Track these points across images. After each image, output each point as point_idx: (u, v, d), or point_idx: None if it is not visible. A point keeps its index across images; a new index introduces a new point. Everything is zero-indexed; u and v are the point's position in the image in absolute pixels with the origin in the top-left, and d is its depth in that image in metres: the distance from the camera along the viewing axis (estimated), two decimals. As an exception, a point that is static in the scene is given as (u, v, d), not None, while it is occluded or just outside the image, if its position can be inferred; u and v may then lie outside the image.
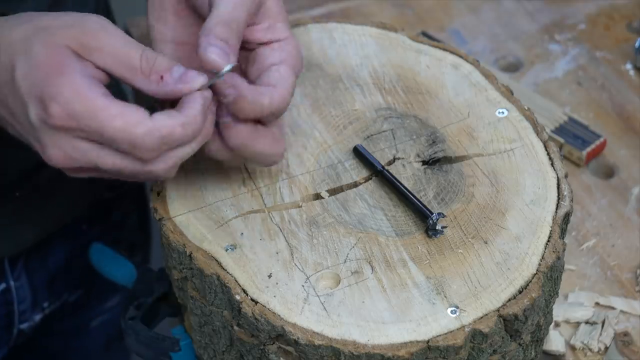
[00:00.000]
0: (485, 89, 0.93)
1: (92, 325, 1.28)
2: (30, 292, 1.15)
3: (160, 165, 0.75)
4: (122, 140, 0.72)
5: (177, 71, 0.75)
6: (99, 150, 0.74)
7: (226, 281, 0.78)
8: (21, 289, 1.14)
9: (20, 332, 1.16)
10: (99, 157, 0.74)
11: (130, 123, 0.72)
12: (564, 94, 1.25)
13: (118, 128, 0.72)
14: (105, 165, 0.74)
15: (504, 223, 0.82)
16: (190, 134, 0.75)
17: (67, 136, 0.73)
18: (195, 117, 0.74)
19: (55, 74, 0.72)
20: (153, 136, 0.73)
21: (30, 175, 1.06)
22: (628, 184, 1.15)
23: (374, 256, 0.80)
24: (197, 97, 0.75)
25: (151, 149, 0.73)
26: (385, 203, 0.85)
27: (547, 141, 0.88)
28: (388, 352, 0.74)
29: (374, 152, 0.88)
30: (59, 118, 0.72)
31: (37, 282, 1.15)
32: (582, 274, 1.06)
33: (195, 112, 0.74)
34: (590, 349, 0.99)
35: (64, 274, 1.19)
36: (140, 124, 0.72)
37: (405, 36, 0.98)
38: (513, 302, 0.77)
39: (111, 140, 0.72)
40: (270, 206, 0.84)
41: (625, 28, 1.34)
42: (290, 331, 0.75)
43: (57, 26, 0.74)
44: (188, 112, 0.74)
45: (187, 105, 0.75)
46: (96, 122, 0.72)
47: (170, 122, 0.73)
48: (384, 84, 0.94)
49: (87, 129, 0.72)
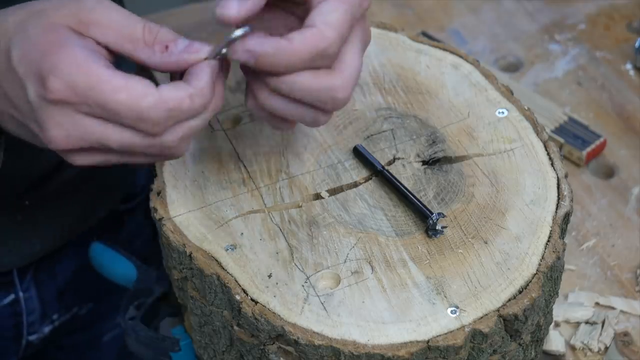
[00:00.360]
0: (485, 89, 0.93)
1: (104, 339, 1.25)
2: (39, 304, 1.13)
3: (169, 138, 0.71)
4: (127, 114, 0.69)
5: (182, 42, 0.72)
6: (103, 126, 0.70)
7: (226, 281, 0.78)
8: (30, 300, 1.12)
9: (29, 343, 1.15)
10: (104, 134, 0.70)
11: (135, 95, 0.69)
12: (564, 94, 1.25)
13: (122, 101, 0.68)
14: (110, 142, 0.70)
15: (504, 223, 0.82)
16: (199, 106, 0.71)
17: (69, 112, 0.69)
18: (203, 89, 0.71)
19: (53, 49, 0.69)
20: (159, 109, 0.69)
21: (39, 184, 1.04)
22: (628, 184, 1.15)
23: (374, 256, 0.80)
24: (205, 67, 0.71)
25: (158, 122, 0.69)
26: (385, 203, 0.85)
27: (547, 141, 0.88)
28: (388, 352, 0.74)
29: (374, 152, 0.88)
30: (58, 91, 0.68)
31: (47, 294, 1.14)
32: (582, 274, 1.06)
33: (203, 84, 0.71)
34: (590, 349, 0.99)
35: (73, 287, 1.17)
36: (146, 97, 0.69)
37: (405, 36, 0.98)
38: (513, 302, 0.77)
39: (115, 113, 0.69)
40: (270, 206, 0.84)
41: (625, 28, 1.34)
42: (290, 331, 0.75)
43: (51, 7, 0.71)
44: (196, 83, 0.71)
45: (195, 77, 0.71)
46: (99, 94, 0.68)
47: (177, 93, 0.70)
48: (384, 84, 0.94)
49: (89, 102, 0.68)
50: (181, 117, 0.71)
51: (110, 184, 1.15)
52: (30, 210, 1.05)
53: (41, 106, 0.69)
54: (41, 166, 0.82)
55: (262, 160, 0.88)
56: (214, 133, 0.90)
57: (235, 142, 0.89)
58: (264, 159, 0.88)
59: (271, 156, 0.88)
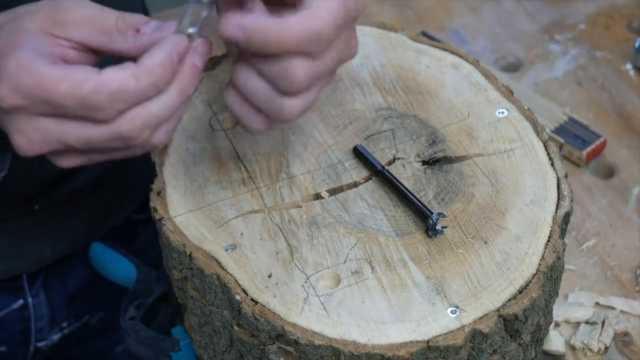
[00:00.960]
0: (485, 89, 0.93)
1: (117, 350, 1.23)
2: (48, 310, 1.12)
3: (125, 126, 0.67)
4: (72, 103, 0.66)
5: (154, 23, 0.69)
6: (58, 125, 0.67)
7: (226, 281, 0.78)
8: (39, 306, 1.11)
9: (38, 350, 1.14)
10: (61, 132, 0.68)
11: (75, 83, 0.65)
12: (564, 94, 1.25)
13: (64, 91, 0.65)
14: (69, 139, 0.68)
15: (504, 223, 0.82)
16: (147, 86, 0.66)
17: (24, 116, 0.67)
18: (153, 67, 0.66)
19: (3, 56, 0.67)
20: (101, 92, 0.65)
21: (49, 189, 1.03)
22: (628, 184, 1.15)
23: (374, 256, 0.80)
24: (162, 44, 0.67)
25: (102, 106, 0.66)
26: (385, 203, 0.85)
27: (547, 141, 0.88)
28: (388, 352, 0.74)
29: (374, 152, 0.88)
30: (8, 98, 0.66)
31: (56, 301, 1.13)
32: (582, 274, 1.06)
33: (154, 62, 0.66)
34: (590, 349, 0.99)
35: (84, 295, 1.15)
36: (86, 82, 0.65)
37: (405, 36, 0.98)
38: (513, 302, 0.77)
39: (62, 106, 0.66)
40: (270, 206, 0.84)
41: (625, 28, 1.34)
42: (290, 331, 0.75)
43: (27, 12, 0.70)
44: (144, 62, 0.66)
45: (147, 55, 0.67)
46: (43, 90, 0.66)
47: (119, 74, 0.65)
48: (384, 84, 0.94)
49: (37, 101, 0.66)
50: (130, 99, 0.66)
51: (123, 193, 1.14)
52: (40, 215, 1.04)
53: (1, 116, 0.69)
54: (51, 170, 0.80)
55: (262, 160, 0.88)
56: (214, 133, 0.90)
57: (235, 142, 0.89)
58: (264, 159, 0.88)
59: (271, 156, 0.88)
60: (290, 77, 0.70)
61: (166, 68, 0.67)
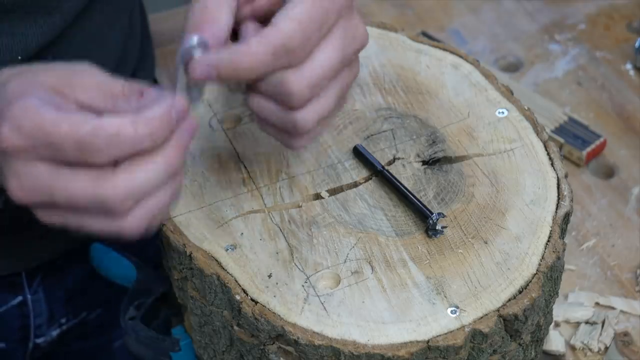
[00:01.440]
0: (485, 89, 0.93)
1: (115, 345, 1.23)
2: (46, 307, 1.13)
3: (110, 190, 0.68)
4: (70, 145, 0.67)
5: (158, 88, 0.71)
6: (53, 172, 0.69)
7: (226, 281, 0.78)
8: (38, 303, 1.12)
9: (37, 346, 1.14)
10: (52, 181, 0.68)
11: (75, 124, 0.67)
12: (564, 94, 1.25)
13: (63, 132, 0.67)
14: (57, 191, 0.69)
15: (504, 223, 0.82)
16: (144, 135, 0.67)
17: (22, 161, 0.69)
18: (151, 120, 0.68)
19: (12, 101, 0.69)
20: (99, 135, 0.66)
21: None
22: (628, 184, 1.15)
23: (374, 256, 0.80)
24: (161, 101, 0.69)
25: (99, 148, 0.67)
26: (385, 203, 0.85)
27: (547, 141, 0.88)
28: (388, 352, 0.74)
29: (374, 152, 0.88)
30: (8, 138, 0.68)
31: (55, 297, 1.13)
32: (582, 274, 1.06)
33: (153, 114, 0.68)
34: (590, 349, 0.99)
35: (83, 292, 1.16)
36: (85, 123, 0.67)
37: (405, 36, 0.98)
38: (513, 302, 0.77)
39: (60, 148, 0.67)
40: (270, 206, 0.84)
41: (625, 28, 1.34)
42: (290, 331, 0.75)
43: (43, 68, 0.72)
44: (144, 112, 0.68)
45: (146, 108, 0.69)
46: (43, 132, 0.67)
47: (119, 120, 0.67)
48: (384, 84, 0.94)
49: (36, 142, 0.68)
50: (125, 146, 0.67)
51: None
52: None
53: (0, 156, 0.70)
54: None
55: (262, 160, 0.88)
56: (214, 133, 0.90)
57: (235, 142, 0.89)
58: (264, 159, 0.88)
59: (271, 156, 0.88)
60: (286, 92, 0.72)
61: (164, 122, 0.68)
